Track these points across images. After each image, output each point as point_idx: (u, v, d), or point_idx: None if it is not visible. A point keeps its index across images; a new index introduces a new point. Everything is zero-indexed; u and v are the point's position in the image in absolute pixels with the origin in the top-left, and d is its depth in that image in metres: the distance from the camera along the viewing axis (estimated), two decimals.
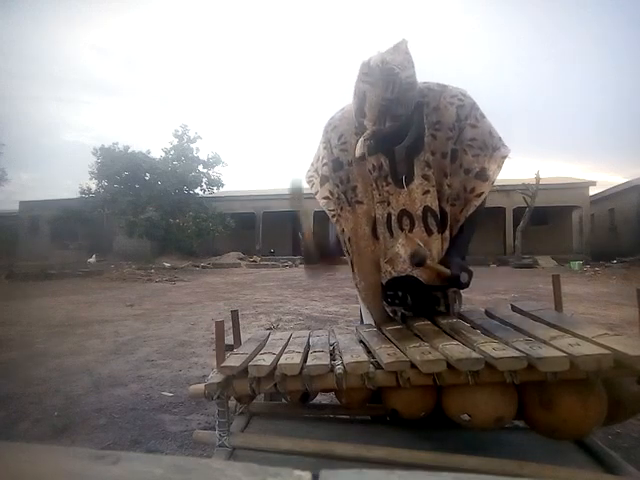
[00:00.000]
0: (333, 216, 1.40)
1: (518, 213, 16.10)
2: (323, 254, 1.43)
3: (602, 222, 18.84)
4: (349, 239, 1.39)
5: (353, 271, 1.43)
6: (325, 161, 1.41)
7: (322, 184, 1.43)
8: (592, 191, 17.71)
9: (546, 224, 18.04)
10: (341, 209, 1.39)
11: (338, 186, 1.38)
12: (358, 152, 1.21)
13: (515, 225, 16.09)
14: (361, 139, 1.20)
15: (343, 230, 1.40)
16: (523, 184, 15.24)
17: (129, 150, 18.39)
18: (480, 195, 1.28)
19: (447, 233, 1.32)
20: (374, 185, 1.34)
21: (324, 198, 1.42)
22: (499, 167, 1.29)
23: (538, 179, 15.39)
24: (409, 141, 1.26)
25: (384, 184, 1.32)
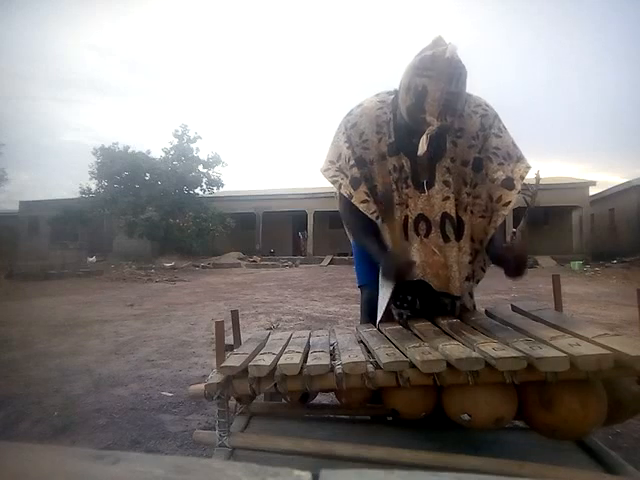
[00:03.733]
0: (377, 217, 1.32)
1: (518, 213, 16.08)
2: None
3: (602, 222, 18.82)
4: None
5: None
6: (352, 162, 1.34)
7: (355, 187, 1.33)
8: (592, 191, 17.69)
9: (546, 224, 18.03)
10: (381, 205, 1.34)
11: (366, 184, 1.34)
12: (422, 150, 1.14)
13: (515, 225, 16.07)
14: (425, 136, 1.13)
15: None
16: (523, 184, 15.18)
17: (129, 150, 18.36)
18: (507, 204, 1.27)
19: (464, 244, 1.30)
20: (394, 186, 1.32)
21: (362, 202, 1.32)
22: (522, 177, 1.29)
23: (538, 179, 15.32)
24: (435, 144, 1.23)
25: (404, 186, 1.31)
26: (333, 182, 1.39)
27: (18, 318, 4.96)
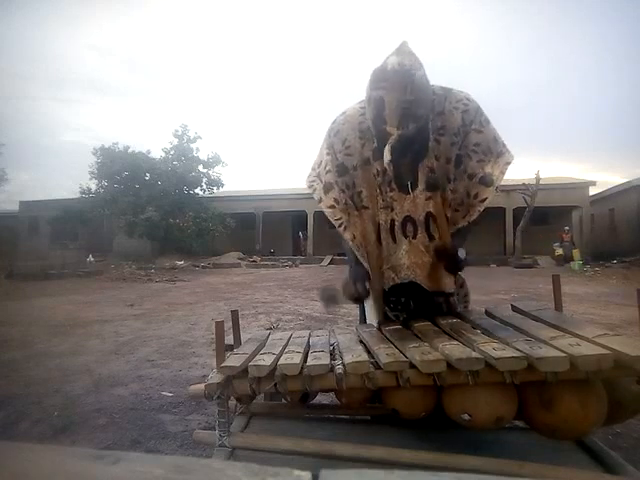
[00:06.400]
0: (340, 225, 1.36)
1: (518, 213, 16.09)
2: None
3: (602, 222, 18.82)
4: (361, 244, 1.36)
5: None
6: (328, 168, 1.38)
7: (326, 192, 1.38)
8: (592, 191, 17.69)
9: (546, 224, 18.03)
10: (349, 214, 1.36)
11: (344, 191, 1.36)
12: (386, 160, 1.17)
13: (515, 225, 16.08)
14: (387, 146, 1.16)
15: (354, 236, 1.36)
16: (523, 184, 15.23)
17: (129, 150, 18.34)
18: (484, 201, 1.27)
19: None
20: (378, 190, 1.33)
21: (329, 207, 1.37)
22: (502, 173, 1.28)
23: (538, 179, 15.38)
24: (416, 146, 1.25)
25: (388, 189, 1.31)
26: (310, 186, 1.44)
27: (18, 318, 4.97)
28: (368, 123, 1.30)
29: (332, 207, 1.37)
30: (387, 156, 1.17)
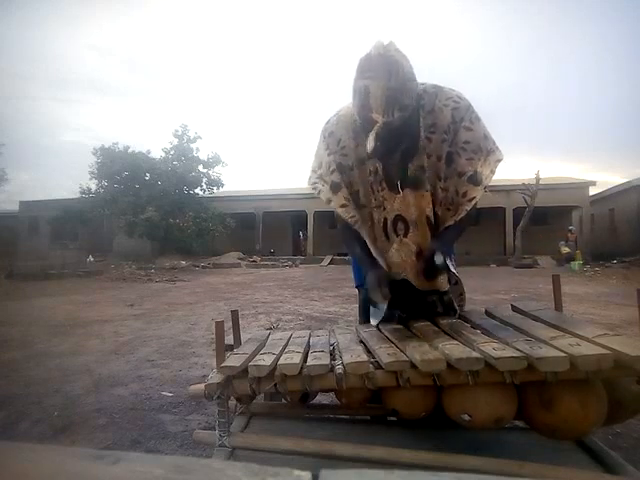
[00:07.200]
0: (355, 222, 1.34)
1: (518, 213, 16.10)
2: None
3: (602, 222, 18.83)
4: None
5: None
6: (333, 167, 1.36)
7: (335, 192, 1.35)
8: (592, 191, 17.70)
9: (546, 224, 18.03)
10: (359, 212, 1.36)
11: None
12: (370, 147, 1.15)
13: (515, 225, 16.09)
14: (372, 133, 1.15)
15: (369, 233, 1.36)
16: (523, 184, 15.24)
17: (129, 150, 18.36)
18: (472, 200, 1.25)
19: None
20: (371, 189, 1.34)
21: (341, 206, 1.34)
22: (492, 172, 1.26)
23: (538, 179, 15.39)
24: (404, 145, 1.24)
25: (379, 189, 1.32)
26: (313, 189, 1.42)
27: (18, 318, 4.96)
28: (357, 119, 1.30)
29: (344, 206, 1.35)
30: (371, 143, 1.14)
